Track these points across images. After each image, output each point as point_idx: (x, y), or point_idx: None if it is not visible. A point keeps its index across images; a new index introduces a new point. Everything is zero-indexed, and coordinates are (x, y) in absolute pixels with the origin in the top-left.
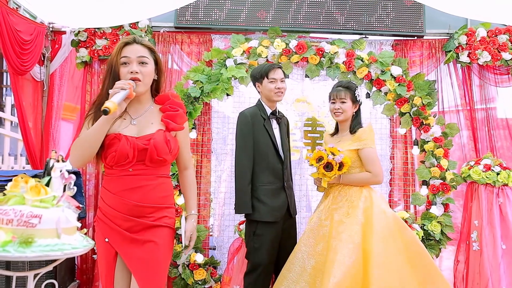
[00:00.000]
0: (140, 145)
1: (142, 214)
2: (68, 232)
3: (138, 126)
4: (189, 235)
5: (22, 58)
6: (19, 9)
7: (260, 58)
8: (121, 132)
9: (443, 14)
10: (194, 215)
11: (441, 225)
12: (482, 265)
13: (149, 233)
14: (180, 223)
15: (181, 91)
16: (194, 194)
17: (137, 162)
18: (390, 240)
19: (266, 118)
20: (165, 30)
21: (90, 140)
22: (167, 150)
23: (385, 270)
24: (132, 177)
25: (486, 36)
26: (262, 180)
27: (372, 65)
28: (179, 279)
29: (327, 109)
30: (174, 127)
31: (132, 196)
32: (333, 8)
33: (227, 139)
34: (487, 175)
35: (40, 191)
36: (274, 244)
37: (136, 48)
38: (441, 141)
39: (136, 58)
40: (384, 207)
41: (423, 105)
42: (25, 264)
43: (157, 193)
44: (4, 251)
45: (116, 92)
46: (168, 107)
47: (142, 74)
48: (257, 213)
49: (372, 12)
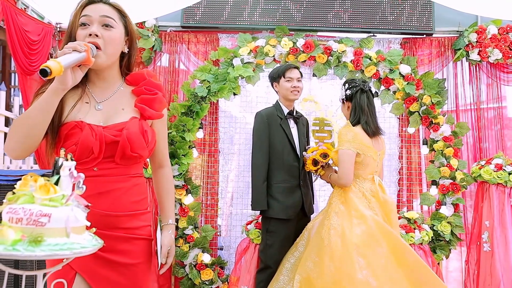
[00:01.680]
0: (108, 136)
1: (113, 225)
2: (77, 231)
3: (104, 112)
4: (166, 251)
5: (30, 58)
6: (27, 10)
7: (267, 57)
8: (83, 119)
9: (452, 12)
10: (172, 225)
11: (451, 226)
12: (494, 266)
13: (123, 250)
14: (156, 236)
15: (188, 91)
16: (172, 200)
17: (104, 159)
18: (372, 243)
19: (283, 117)
20: (172, 29)
21: (33, 117)
22: (144, 143)
23: (369, 273)
24: (97, 179)
25: (497, 33)
26: (277, 178)
27: (381, 63)
28: (186, 279)
29: (334, 108)
30: (152, 115)
31: (99, 203)
32: (341, 6)
33: (234, 138)
34: (498, 174)
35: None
36: (287, 241)
37: (100, 7)
38: (451, 141)
39: (99, 18)
40: (362, 210)
41: (432, 104)
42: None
43: (130, 198)
44: (14, 250)
45: (66, 53)
46: (144, 89)
47: (104, 40)
48: (270, 210)
49: (381, 10)
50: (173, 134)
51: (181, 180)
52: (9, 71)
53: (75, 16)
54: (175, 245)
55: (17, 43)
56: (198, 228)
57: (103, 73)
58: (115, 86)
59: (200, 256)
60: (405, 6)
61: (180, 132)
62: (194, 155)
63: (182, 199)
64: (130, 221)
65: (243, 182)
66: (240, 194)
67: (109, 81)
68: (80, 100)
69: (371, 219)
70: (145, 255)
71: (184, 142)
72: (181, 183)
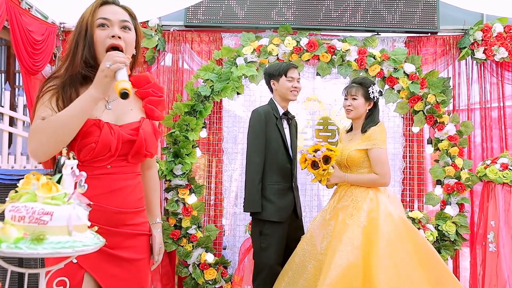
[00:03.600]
0: (125, 135)
1: (122, 222)
2: (79, 230)
3: (114, 111)
4: (158, 249)
5: (34, 58)
6: (31, 10)
7: (271, 56)
8: (99, 118)
9: (457, 10)
10: (159, 223)
11: (456, 226)
12: (499, 266)
13: (129, 246)
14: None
15: (191, 90)
16: (158, 199)
17: (118, 158)
18: (398, 243)
19: (278, 117)
20: (175, 29)
21: (69, 124)
22: (156, 143)
23: (393, 274)
24: (111, 177)
25: (503, 31)
26: (271, 179)
27: (385, 62)
28: (189, 279)
29: (338, 107)
30: (159, 116)
31: (111, 201)
32: (345, 5)
33: (238, 138)
34: (504, 174)
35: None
36: (281, 244)
37: (116, 9)
38: (456, 140)
39: (118, 22)
40: (390, 209)
41: (437, 103)
42: (37, 262)
43: (135, 195)
44: (16, 248)
45: (119, 68)
46: (151, 91)
47: (125, 42)
48: (264, 212)
49: (385, 9)
50: (177, 134)
51: (184, 180)
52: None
53: (91, 15)
54: (178, 245)
55: (21, 43)
56: (201, 227)
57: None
58: None
59: (203, 256)
60: (409, 4)
61: (183, 131)
62: (197, 155)
63: (185, 199)
64: (135, 218)
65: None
66: (243, 194)
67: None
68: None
69: (398, 219)
70: (147, 251)
71: (187, 141)
72: (184, 182)
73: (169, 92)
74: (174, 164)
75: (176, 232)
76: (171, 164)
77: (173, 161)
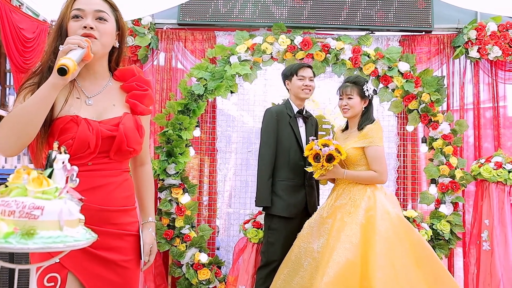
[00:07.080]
0: (105, 131)
1: (106, 221)
2: (71, 225)
3: (95, 107)
4: (148, 249)
5: (25, 56)
6: (21, 7)
7: (265, 55)
8: (77, 114)
9: (452, 8)
10: (152, 223)
11: (450, 225)
12: (494, 265)
13: (116, 247)
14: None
15: (184, 89)
16: (152, 197)
17: (99, 154)
18: (395, 241)
19: (292, 116)
20: (168, 27)
21: (29, 113)
22: (139, 138)
23: (390, 272)
24: (91, 173)
25: (497, 30)
26: (281, 175)
27: (379, 61)
28: (183, 279)
29: (333, 106)
30: (143, 110)
31: (92, 198)
32: (339, 4)
33: (232, 137)
34: (498, 173)
35: (42, 183)
36: (289, 240)
37: (92, 0)
38: (450, 139)
39: (93, 12)
40: (388, 207)
41: (431, 102)
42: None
43: (121, 193)
44: (6, 243)
45: (71, 49)
46: (135, 84)
47: (99, 32)
48: (273, 207)
49: (379, 7)
50: (170, 133)
51: (177, 179)
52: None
53: (66, 8)
54: (171, 245)
55: (11, 40)
56: (195, 227)
57: (93, 67)
58: (104, 82)
59: (197, 256)
60: (403, 3)
61: (176, 130)
62: (191, 154)
63: (178, 198)
64: (122, 217)
65: (240, 181)
66: (237, 193)
67: (99, 76)
68: (71, 95)
69: (395, 217)
70: (135, 252)
71: (180, 140)
72: (177, 182)
73: (162, 91)
74: (167, 163)
75: (169, 232)
76: (164, 163)
77: (166, 160)
